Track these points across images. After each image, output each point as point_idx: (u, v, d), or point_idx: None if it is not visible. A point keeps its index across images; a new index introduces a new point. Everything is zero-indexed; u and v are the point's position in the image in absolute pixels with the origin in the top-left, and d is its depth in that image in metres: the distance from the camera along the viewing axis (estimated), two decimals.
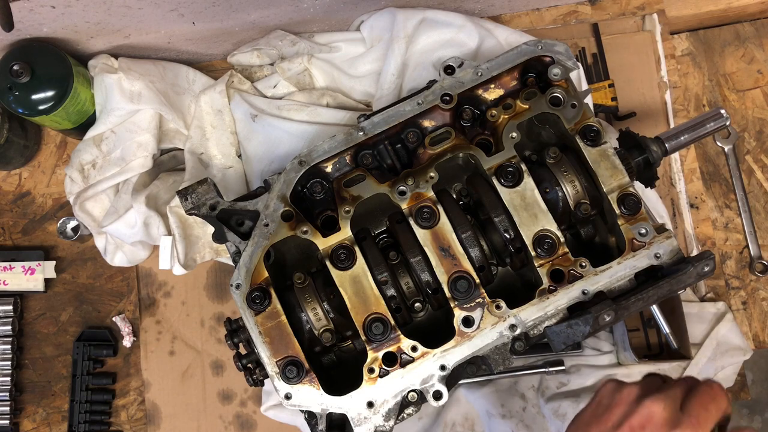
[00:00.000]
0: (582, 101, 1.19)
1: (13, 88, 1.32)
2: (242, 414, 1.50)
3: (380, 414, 1.08)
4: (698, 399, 0.88)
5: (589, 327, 1.05)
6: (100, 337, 1.51)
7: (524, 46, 1.22)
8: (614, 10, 1.60)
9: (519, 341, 1.11)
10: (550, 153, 1.18)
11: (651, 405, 0.87)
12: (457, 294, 1.11)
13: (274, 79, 1.53)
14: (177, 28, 1.40)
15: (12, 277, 1.50)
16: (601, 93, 1.57)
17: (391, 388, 1.09)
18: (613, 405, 0.90)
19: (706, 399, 0.87)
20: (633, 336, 1.48)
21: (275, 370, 1.09)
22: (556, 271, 1.13)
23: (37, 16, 1.26)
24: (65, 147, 1.58)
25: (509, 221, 1.15)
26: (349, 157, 1.21)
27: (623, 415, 0.88)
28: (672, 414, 0.86)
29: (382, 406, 1.08)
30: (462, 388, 1.43)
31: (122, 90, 1.41)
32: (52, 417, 1.51)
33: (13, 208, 1.57)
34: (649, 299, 1.08)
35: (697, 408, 0.86)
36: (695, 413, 0.86)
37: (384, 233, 1.26)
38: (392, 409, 1.08)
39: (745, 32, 1.64)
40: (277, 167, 1.44)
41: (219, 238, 1.17)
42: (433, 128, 1.22)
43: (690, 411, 0.86)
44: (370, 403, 1.08)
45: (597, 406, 0.93)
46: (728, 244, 1.57)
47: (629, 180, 1.15)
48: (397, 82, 1.48)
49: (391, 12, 1.48)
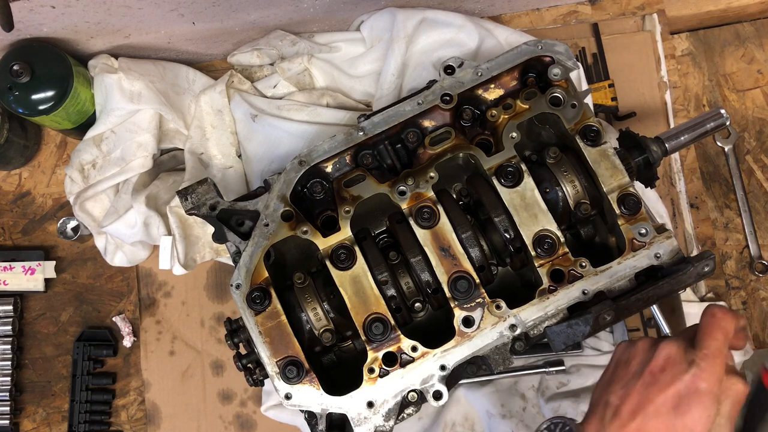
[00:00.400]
0: (582, 101, 1.19)
1: (13, 88, 1.32)
2: (242, 414, 1.50)
3: (380, 414, 1.08)
4: (704, 331, 0.91)
5: (590, 327, 1.05)
6: (100, 337, 1.51)
7: (524, 46, 1.22)
8: (614, 10, 1.60)
9: (519, 341, 1.11)
10: (550, 153, 1.18)
11: (666, 347, 0.90)
12: (457, 294, 1.11)
13: (274, 79, 1.53)
14: (177, 28, 1.40)
15: (12, 277, 1.50)
16: (601, 93, 1.57)
17: (391, 388, 1.09)
18: (630, 359, 0.93)
19: (711, 329, 0.91)
20: (633, 336, 1.48)
21: (275, 370, 1.09)
22: (556, 271, 1.13)
23: (37, 16, 1.26)
24: (65, 147, 1.58)
25: (509, 221, 1.15)
26: (349, 157, 1.21)
27: (642, 363, 0.91)
28: (687, 351, 0.89)
29: (382, 406, 1.08)
30: (462, 388, 1.43)
31: (122, 90, 1.41)
32: (52, 417, 1.51)
33: (13, 208, 1.57)
34: (649, 299, 1.08)
35: (707, 340, 0.89)
36: (706, 345, 0.89)
37: (384, 233, 1.26)
38: (392, 409, 1.08)
39: (745, 32, 1.64)
40: (277, 167, 1.44)
41: (219, 238, 1.17)
42: (433, 128, 1.22)
43: (701, 345, 0.89)
44: (370, 403, 1.08)
45: (616, 365, 0.96)
46: (728, 244, 1.57)
47: (629, 180, 1.15)
48: (397, 82, 1.48)
49: (391, 12, 1.48)
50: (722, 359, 0.89)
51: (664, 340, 0.92)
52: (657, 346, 0.92)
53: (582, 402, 1.40)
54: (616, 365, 0.96)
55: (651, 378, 0.89)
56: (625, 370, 0.93)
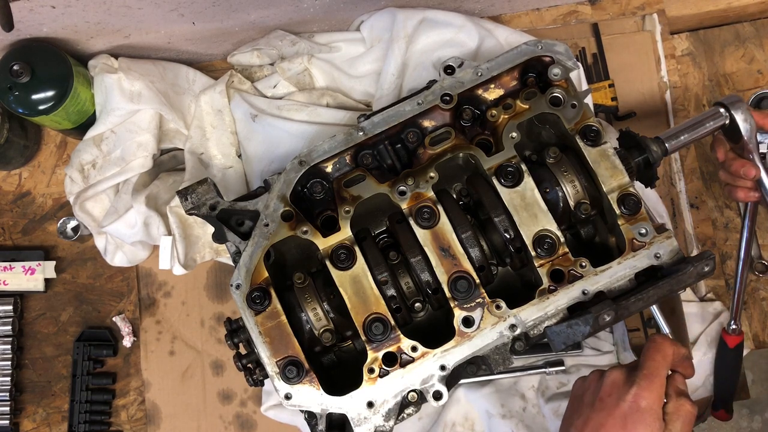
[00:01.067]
0: (582, 101, 1.19)
1: (13, 88, 1.32)
2: (242, 414, 1.50)
3: (380, 414, 1.08)
4: (645, 355, 1.00)
5: (590, 327, 1.05)
6: (100, 337, 1.51)
7: (524, 46, 1.22)
8: (614, 10, 1.60)
9: (519, 341, 1.11)
10: (550, 153, 1.18)
11: (611, 374, 1.00)
12: (457, 294, 1.11)
13: (274, 79, 1.53)
14: (177, 28, 1.40)
15: (12, 277, 1.50)
16: (601, 93, 1.57)
17: (391, 388, 1.09)
18: (584, 392, 1.03)
19: (650, 352, 1.00)
20: (633, 336, 1.48)
21: (275, 370, 1.09)
22: (556, 271, 1.13)
23: (37, 16, 1.26)
24: (65, 147, 1.58)
25: (509, 221, 1.15)
26: (349, 157, 1.21)
27: (593, 392, 1.01)
28: (629, 374, 0.98)
29: (382, 406, 1.08)
30: (462, 388, 1.43)
31: (122, 90, 1.41)
32: (52, 417, 1.51)
33: (13, 208, 1.57)
34: (649, 299, 1.08)
35: (646, 361, 0.99)
36: (645, 366, 0.98)
37: (384, 233, 1.26)
38: (392, 409, 1.08)
39: (745, 32, 1.64)
40: (277, 167, 1.44)
41: (219, 238, 1.17)
42: (433, 128, 1.22)
43: (641, 366, 0.98)
44: (370, 403, 1.08)
45: (572, 400, 1.05)
46: (728, 244, 1.57)
47: (629, 180, 1.15)
48: (397, 82, 1.48)
49: (391, 12, 1.48)
50: (661, 379, 0.97)
51: (611, 369, 1.01)
52: (604, 375, 1.01)
53: None
54: (572, 399, 1.04)
55: (600, 404, 0.97)
56: (580, 403, 1.01)
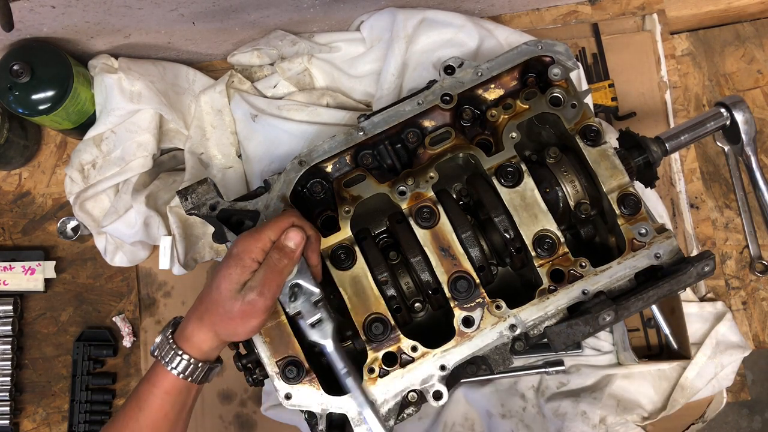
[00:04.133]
0: (582, 101, 1.19)
1: (13, 88, 1.32)
2: (242, 414, 1.50)
3: (380, 414, 1.08)
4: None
5: (590, 327, 1.05)
6: (100, 337, 1.52)
7: (524, 46, 1.22)
8: (614, 10, 1.60)
9: (519, 341, 1.11)
10: (550, 153, 1.18)
11: None
12: (457, 294, 1.11)
13: (274, 79, 1.53)
14: (177, 28, 1.40)
15: (12, 277, 1.50)
16: (601, 93, 1.57)
17: (391, 388, 1.09)
18: None
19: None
20: (633, 336, 1.48)
21: (275, 370, 1.09)
22: (556, 271, 1.13)
23: (37, 16, 1.26)
24: (65, 147, 1.58)
25: (509, 221, 1.15)
26: (349, 157, 1.21)
27: None
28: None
29: (382, 406, 1.08)
30: (462, 388, 1.43)
31: (122, 90, 1.41)
32: (52, 417, 1.51)
33: (13, 208, 1.57)
34: (649, 299, 1.08)
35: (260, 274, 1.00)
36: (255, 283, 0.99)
37: (384, 233, 1.26)
38: (392, 409, 1.08)
39: (745, 32, 1.64)
40: (277, 167, 1.44)
41: (219, 238, 1.16)
42: (433, 128, 1.22)
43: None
44: (371, 403, 1.08)
45: None
46: (728, 244, 1.57)
47: (629, 180, 1.15)
48: (397, 82, 1.48)
49: (391, 12, 1.48)
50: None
51: None
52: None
53: (582, 402, 1.40)
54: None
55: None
56: None
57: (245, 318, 0.98)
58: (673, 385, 1.43)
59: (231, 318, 0.98)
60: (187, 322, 1.03)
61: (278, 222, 1.01)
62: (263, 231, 0.99)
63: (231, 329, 1.00)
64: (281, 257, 0.98)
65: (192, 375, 1.02)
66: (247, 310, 0.97)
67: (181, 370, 1.01)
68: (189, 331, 1.02)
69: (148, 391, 1.02)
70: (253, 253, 0.98)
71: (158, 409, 1.02)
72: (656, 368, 1.43)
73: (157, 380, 1.02)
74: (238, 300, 0.97)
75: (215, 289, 0.98)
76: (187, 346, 1.02)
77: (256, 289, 0.96)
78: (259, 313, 0.98)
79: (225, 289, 0.97)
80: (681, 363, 1.43)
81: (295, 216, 1.02)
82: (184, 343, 1.02)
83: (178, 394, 1.02)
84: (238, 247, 0.99)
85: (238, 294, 0.97)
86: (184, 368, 1.01)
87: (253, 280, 0.97)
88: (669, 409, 1.41)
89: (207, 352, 1.03)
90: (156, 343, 1.05)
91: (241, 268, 0.97)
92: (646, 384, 1.43)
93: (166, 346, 1.02)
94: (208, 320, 1.00)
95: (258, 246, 0.99)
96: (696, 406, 1.46)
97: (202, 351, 1.02)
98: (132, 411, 1.02)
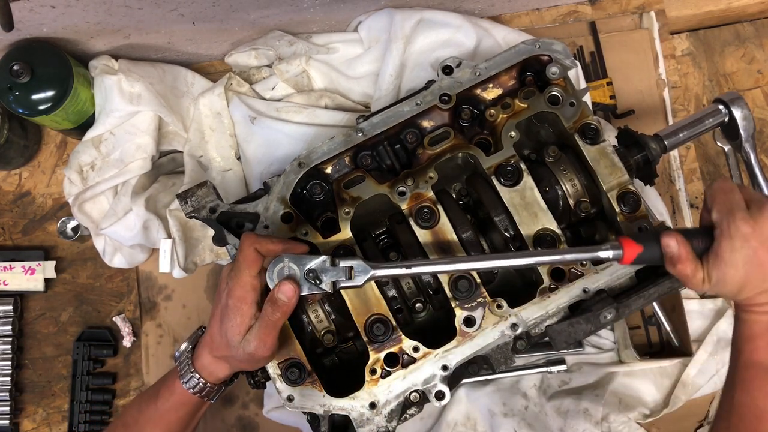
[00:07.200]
0: (580, 99, 1.19)
1: (13, 88, 1.32)
2: (244, 416, 1.50)
3: (383, 415, 1.08)
4: None
5: (591, 325, 1.05)
6: (100, 337, 1.51)
7: (522, 45, 1.22)
8: (614, 10, 1.60)
9: (520, 340, 1.11)
10: (550, 152, 1.18)
11: None
12: (458, 294, 1.11)
13: (273, 81, 1.53)
14: (177, 28, 1.40)
15: (12, 277, 1.50)
16: (599, 91, 1.57)
17: (394, 389, 1.09)
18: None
19: None
20: (634, 334, 1.48)
21: (277, 372, 1.09)
22: (557, 270, 1.13)
23: (37, 16, 1.25)
24: (65, 147, 1.58)
25: (509, 220, 1.15)
26: (349, 158, 1.21)
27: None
28: None
29: (384, 407, 1.08)
30: (464, 387, 1.43)
31: (122, 91, 1.40)
32: (52, 417, 1.51)
33: (13, 208, 1.57)
34: (649, 297, 1.08)
35: None
36: None
37: (384, 234, 1.26)
38: (395, 409, 1.08)
39: (745, 32, 1.64)
40: (276, 169, 1.44)
41: (219, 240, 1.16)
42: (432, 128, 1.22)
43: None
44: (373, 404, 1.08)
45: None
46: None
47: (629, 178, 1.15)
48: (395, 83, 1.48)
49: (389, 12, 1.48)
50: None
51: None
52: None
53: (584, 400, 1.40)
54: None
55: None
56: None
57: (252, 362, 1.05)
58: (675, 383, 1.43)
59: (240, 361, 1.05)
60: (202, 351, 1.09)
61: (243, 253, 1.03)
62: (241, 271, 1.02)
63: (242, 367, 1.09)
64: (274, 311, 1.01)
65: (202, 392, 1.11)
66: (252, 357, 1.03)
67: (192, 387, 1.09)
68: (205, 361, 1.09)
69: (165, 398, 1.11)
70: (248, 299, 1.02)
71: (172, 411, 1.12)
72: (658, 365, 1.43)
73: (175, 388, 1.10)
74: (242, 349, 1.02)
75: (224, 335, 1.03)
76: (203, 372, 1.09)
77: (254, 342, 1.01)
78: (263, 359, 1.05)
79: (231, 337, 1.02)
80: (682, 360, 1.43)
81: (252, 237, 1.04)
82: (200, 369, 1.09)
83: (189, 404, 1.11)
84: (232, 299, 1.02)
85: (242, 343, 1.02)
86: (198, 389, 1.10)
87: (250, 333, 1.01)
88: (671, 406, 1.41)
89: (221, 378, 1.11)
90: (180, 350, 1.12)
91: (241, 317, 1.02)
92: (648, 381, 1.43)
93: (184, 363, 1.10)
94: (220, 356, 1.07)
95: (246, 291, 1.02)
96: (699, 404, 1.46)
97: (216, 377, 1.10)
98: (151, 399, 1.12)
